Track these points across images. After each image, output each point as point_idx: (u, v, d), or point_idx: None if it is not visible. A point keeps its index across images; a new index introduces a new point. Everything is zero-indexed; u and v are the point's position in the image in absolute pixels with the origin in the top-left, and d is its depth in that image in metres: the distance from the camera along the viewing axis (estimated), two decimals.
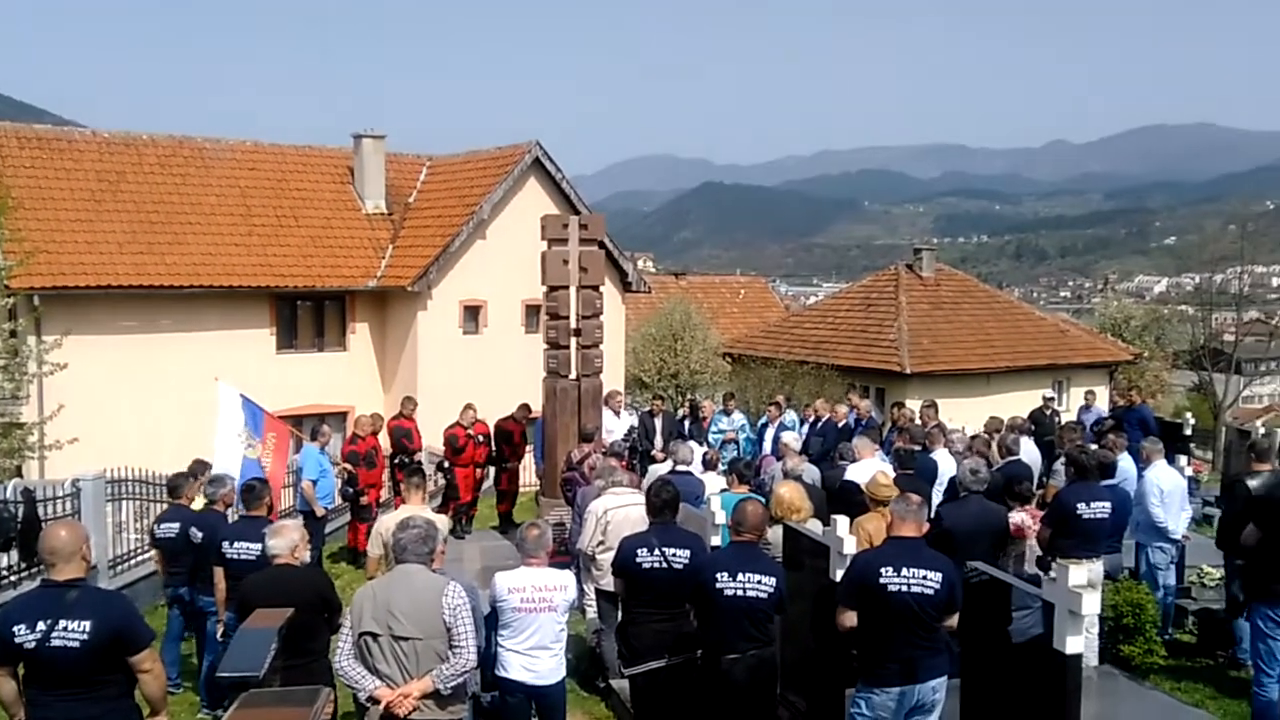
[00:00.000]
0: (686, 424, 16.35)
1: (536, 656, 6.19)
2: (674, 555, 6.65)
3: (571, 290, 13.19)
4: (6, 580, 10.67)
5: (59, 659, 4.76)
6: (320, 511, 12.35)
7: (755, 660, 6.15)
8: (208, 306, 21.80)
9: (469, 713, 6.00)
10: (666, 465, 10.58)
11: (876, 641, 5.67)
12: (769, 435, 14.93)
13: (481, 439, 14.30)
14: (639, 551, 6.70)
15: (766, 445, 14.70)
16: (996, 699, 5.85)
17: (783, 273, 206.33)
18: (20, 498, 11.37)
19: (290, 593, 6.05)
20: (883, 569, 5.62)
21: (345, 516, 14.37)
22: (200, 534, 8.41)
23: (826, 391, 22.89)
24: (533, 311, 22.65)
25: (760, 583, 6.07)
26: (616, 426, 14.82)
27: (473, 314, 23.94)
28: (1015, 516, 8.54)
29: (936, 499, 9.86)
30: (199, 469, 10.11)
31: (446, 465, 14.19)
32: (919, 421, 13.88)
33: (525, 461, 15.27)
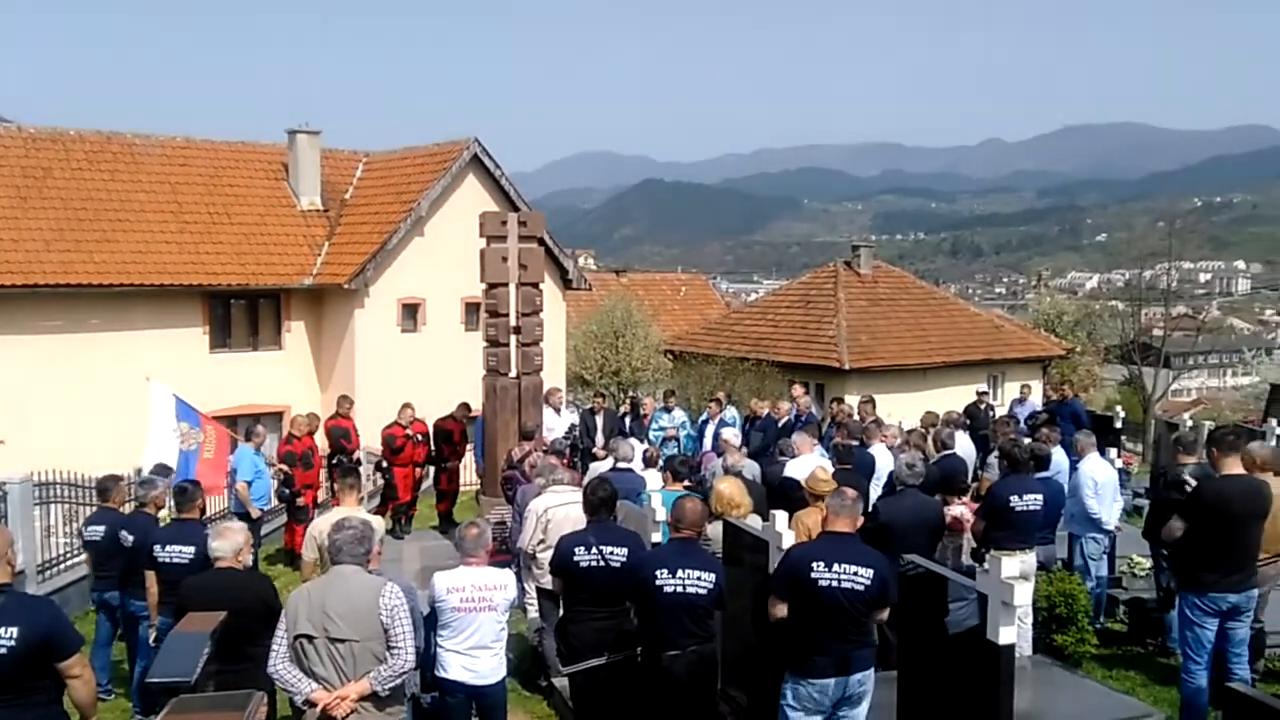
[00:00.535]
0: (628, 421, 16.36)
1: (477, 656, 6.16)
2: (612, 553, 6.64)
3: (511, 287, 13.12)
4: None
5: None
6: (255, 513, 12.15)
7: (695, 656, 6.16)
8: (138, 305, 21.32)
9: (408, 714, 5.95)
10: (608, 463, 10.57)
11: (806, 634, 5.72)
12: (710, 431, 14.98)
13: (420, 438, 14.20)
14: (576, 550, 6.68)
15: (707, 441, 14.74)
16: (933, 690, 5.93)
17: (723, 270, 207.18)
18: None
19: (233, 597, 5.96)
20: (814, 564, 5.67)
21: (282, 518, 14.16)
22: (131, 537, 8.23)
23: (767, 388, 23.05)
24: (472, 309, 22.51)
25: (700, 579, 6.08)
26: (557, 424, 14.80)
27: (411, 312, 23.70)
28: (954, 509, 8.66)
29: (875, 493, 9.97)
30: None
31: (385, 465, 14.07)
32: (857, 417, 14.03)
33: (466, 460, 15.18)
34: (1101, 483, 9.70)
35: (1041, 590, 8.34)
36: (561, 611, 7.24)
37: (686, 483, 9.20)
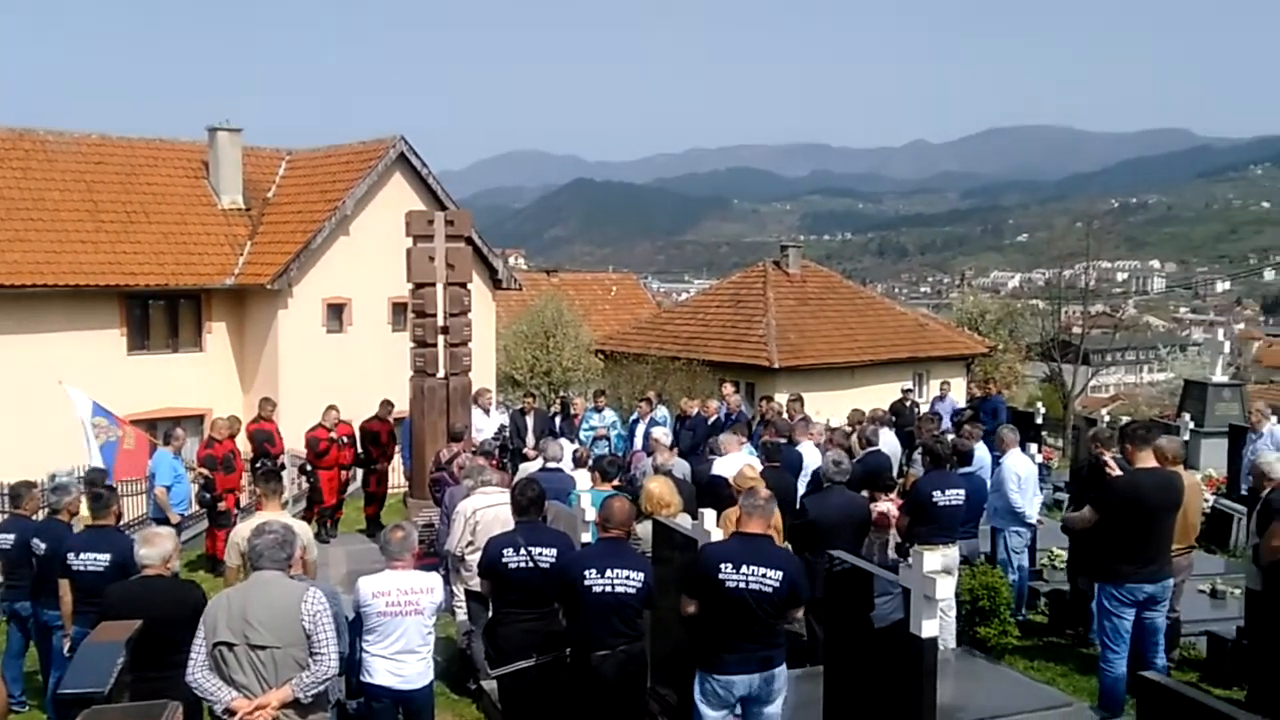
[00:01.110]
0: (559, 421, 16.30)
1: (403, 661, 6.08)
2: (540, 554, 6.59)
3: (438, 287, 13.00)
4: None
5: None
6: (175, 519, 11.87)
7: (625, 656, 6.15)
8: (52, 306, 20.73)
9: None
10: (537, 463, 10.52)
11: (714, 631, 5.75)
12: (640, 431, 15.00)
13: (345, 440, 14.00)
14: (505, 552, 6.62)
15: (638, 441, 14.76)
16: (858, 683, 5.99)
17: (654, 270, 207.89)
18: None
19: (161, 605, 5.80)
20: (723, 564, 5.69)
21: (202, 524, 13.86)
22: (43, 545, 7.99)
23: (698, 387, 23.15)
24: (399, 309, 22.25)
25: (629, 578, 6.07)
26: (486, 425, 14.71)
27: (336, 312, 23.38)
28: (880, 505, 8.77)
29: (802, 490, 10.06)
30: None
31: (309, 469, 13.85)
32: (785, 415, 14.14)
33: (395, 463, 15.00)
34: (1024, 477, 9.88)
35: (964, 584, 8.47)
36: (490, 614, 7.18)
37: (616, 482, 9.21)
